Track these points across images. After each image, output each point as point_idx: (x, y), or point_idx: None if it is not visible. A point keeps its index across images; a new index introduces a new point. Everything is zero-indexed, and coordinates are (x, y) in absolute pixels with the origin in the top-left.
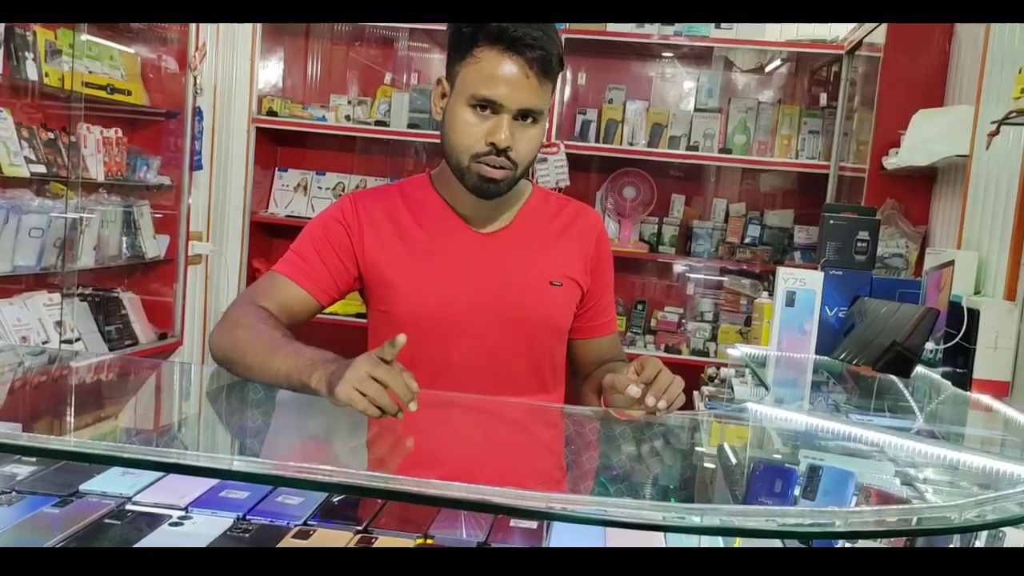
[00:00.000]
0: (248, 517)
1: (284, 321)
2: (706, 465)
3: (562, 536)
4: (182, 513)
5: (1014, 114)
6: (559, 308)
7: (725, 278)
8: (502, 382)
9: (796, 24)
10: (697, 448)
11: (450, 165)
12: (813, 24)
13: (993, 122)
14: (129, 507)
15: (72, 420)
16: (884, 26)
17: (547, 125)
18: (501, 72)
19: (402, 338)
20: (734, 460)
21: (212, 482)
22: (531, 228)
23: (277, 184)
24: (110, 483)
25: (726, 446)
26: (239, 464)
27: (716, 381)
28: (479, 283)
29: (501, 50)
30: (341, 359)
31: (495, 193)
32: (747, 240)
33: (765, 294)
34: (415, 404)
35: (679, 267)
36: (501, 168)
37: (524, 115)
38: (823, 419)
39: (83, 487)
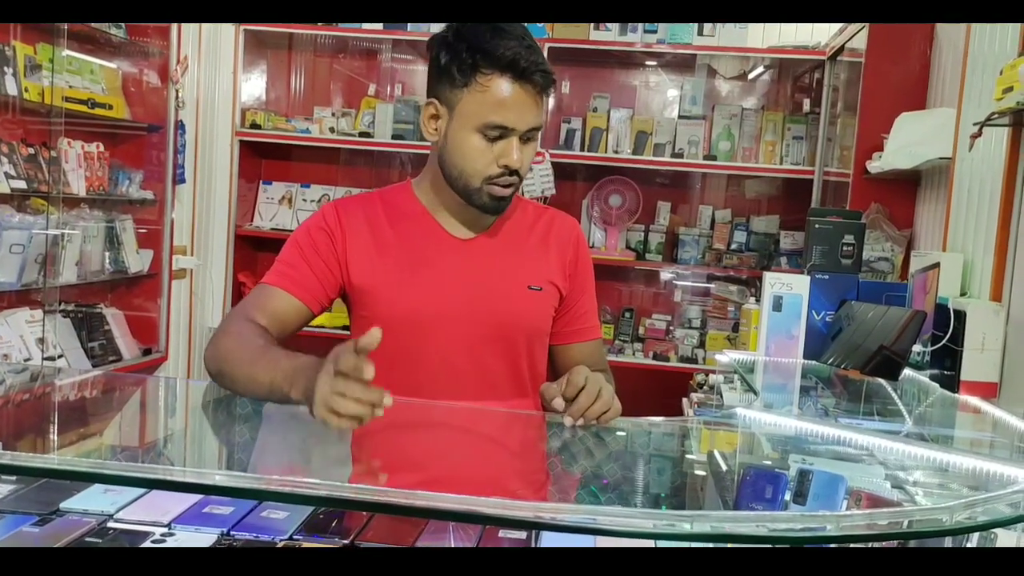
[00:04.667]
0: (232, 533)
1: (276, 331)
2: (696, 472)
3: (551, 546)
4: (165, 530)
5: (996, 115)
6: (538, 312)
7: (712, 284)
8: (482, 386)
9: (778, 30)
10: (687, 455)
11: (455, 187)
12: (795, 30)
13: (975, 124)
14: (111, 525)
15: (53, 437)
16: (865, 31)
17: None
18: (512, 99)
19: (373, 336)
20: (724, 466)
21: (195, 498)
22: (509, 234)
23: (262, 197)
24: (92, 501)
25: (716, 452)
26: (221, 479)
27: (705, 388)
28: (458, 288)
29: (510, 78)
30: (316, 365)
31: (504, 209)
32: (733, 246)
33: (752, 300)
34: (387, 400)
35: (666, 274)
36: (510, 186)
37: (528, 133)
38: (812, 423)
39: (64, 505)
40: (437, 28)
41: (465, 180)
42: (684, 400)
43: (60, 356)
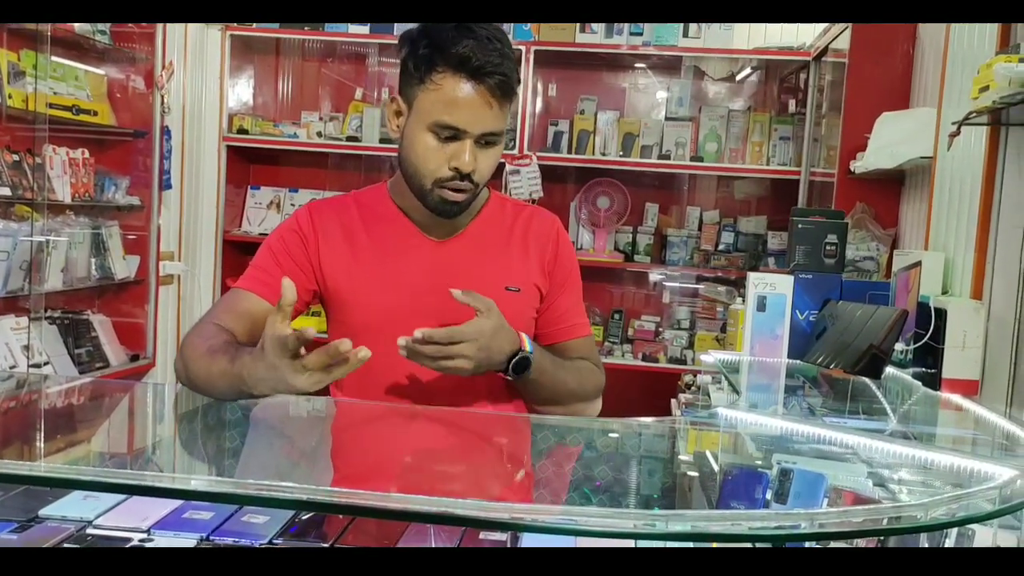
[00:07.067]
0: (212, 538)
1: (247, 335)
2: (677, 472)
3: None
4: (144, 535)
5: (974, 114)
6: (517, 314)
7: (701, 286)
8: (461, 390)
9: (763, 31)
10: (665, 454)
11: (411, 186)
12: (780, 31)
13: (954, 123)
14: (90, 531)
15: (34, 444)
16: (849, 32)
17: (504, 141)
18: (463, 99)
19: (287, 297)
20: (705, 466)
21: (175, 503)
22: (486, 234)
23: (250, 202)
24: (71, 507)
25: (697, 452)
26: (197, 483)
27: (693, 388)
28: (432, 290)
29: (462, 77)
30: (256, 359)
31: (456, 213)
32: (721, 247)
33: (740, 300)
34: (362, 352)
35: (655, 276)
36: (463, 191)
37: (486, 138)
38: (794, 422)
39: (43, 512)
40: None
41: (418, 180)
42: (673, 401)
43: (46, 363)
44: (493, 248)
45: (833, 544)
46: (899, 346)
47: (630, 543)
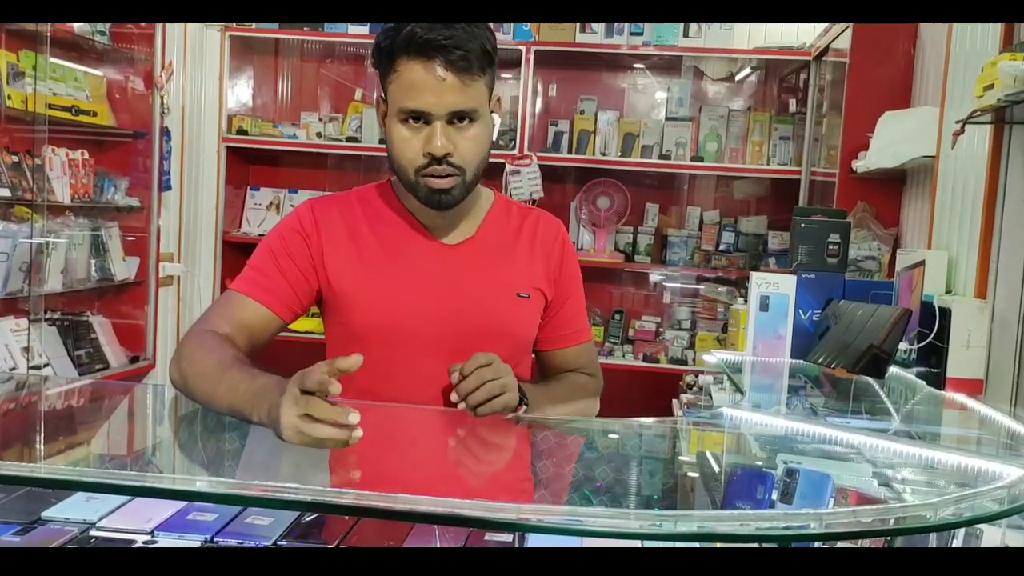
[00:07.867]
0: (216, 539)
1: (244, 343)
2: (683, 472)
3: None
4: (148, 537)
5: (977, 113)
6: (525, 321)
7: (701, 286)
8: None
9: (763, 31)
10: (668, 455)
11: (402, 182)
12: (780, 31)
13: (958, 122)
14: (93, 533)
15: (35, 446)
16: (850, 31)
17: (493, 123)
18: (420, 80)
19: (353, 361)
20: (711, 466)
21: (179, 505)
22: (495, 239)
23: (249, 203)
24: (74, 509)
25: (702, 452)
26: (202, 484)
27: (695, 388)
28: (442, 295)
29: (415, 58)
30: (277, 387)
31: (448, 204)
32: (722, 247)
33: (741, 300)
34: (354, 417)
35: (655, 276)
36: (447, 176)
37: (458, 118)
38: (798, 422)
39: (45, 514)
40: None
41: (404, 174)
42: (674, 401)
43: (46, 365)
44: (502, 253)
45: (840, 544)
46: (903, 345)
47: (637, 543)
